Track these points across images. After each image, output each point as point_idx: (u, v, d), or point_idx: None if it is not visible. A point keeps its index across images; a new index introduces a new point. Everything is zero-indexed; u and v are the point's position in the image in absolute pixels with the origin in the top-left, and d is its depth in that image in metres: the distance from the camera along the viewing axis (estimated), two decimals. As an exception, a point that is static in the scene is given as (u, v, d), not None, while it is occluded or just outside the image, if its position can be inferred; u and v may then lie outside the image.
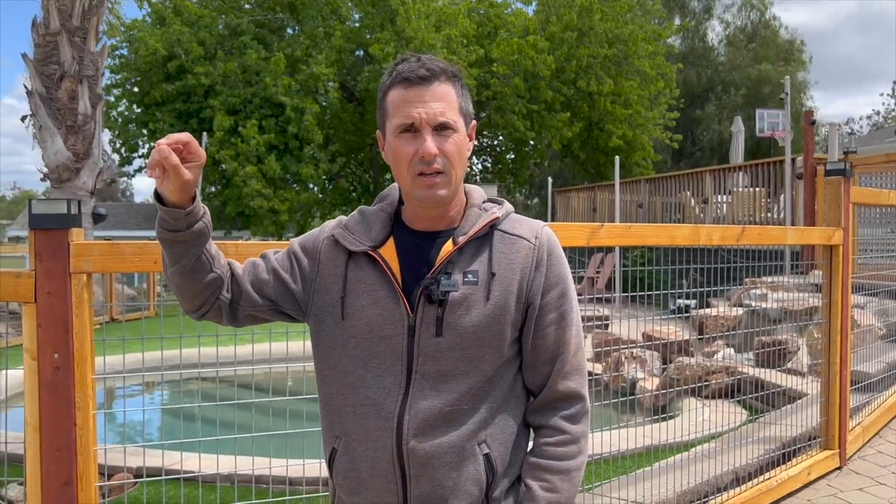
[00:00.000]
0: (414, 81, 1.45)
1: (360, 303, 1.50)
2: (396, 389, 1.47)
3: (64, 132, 4.36)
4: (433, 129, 1.44)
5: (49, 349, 2.15)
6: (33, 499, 2.17)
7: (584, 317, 7.01)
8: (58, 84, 4.36)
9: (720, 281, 8.72)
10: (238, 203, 19.94)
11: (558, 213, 19.85)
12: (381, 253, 1.50)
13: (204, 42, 20.42)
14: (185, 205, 1.43)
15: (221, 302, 1.57)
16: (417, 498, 1.46)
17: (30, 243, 2.14)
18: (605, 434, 4.15)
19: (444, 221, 1.54)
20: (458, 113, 1.48)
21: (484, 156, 26.43)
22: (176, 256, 1.49)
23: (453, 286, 1.46)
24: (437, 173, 1.45)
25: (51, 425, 2.16)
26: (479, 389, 1.48)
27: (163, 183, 1.39)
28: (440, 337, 1.45)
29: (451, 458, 1.45)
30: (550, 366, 1.53)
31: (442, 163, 1.45)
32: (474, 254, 1.50)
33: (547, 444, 1.52)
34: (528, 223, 1.56)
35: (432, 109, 1.44)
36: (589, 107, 22.51)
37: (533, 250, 1.51)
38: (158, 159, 1.36)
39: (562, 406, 1.54)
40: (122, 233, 26.70)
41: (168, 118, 20.61)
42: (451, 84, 1.48)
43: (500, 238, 1.52)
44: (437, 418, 1.45)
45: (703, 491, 3.81)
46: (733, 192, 13.33)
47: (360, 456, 1.48)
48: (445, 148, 1.45)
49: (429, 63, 1.46)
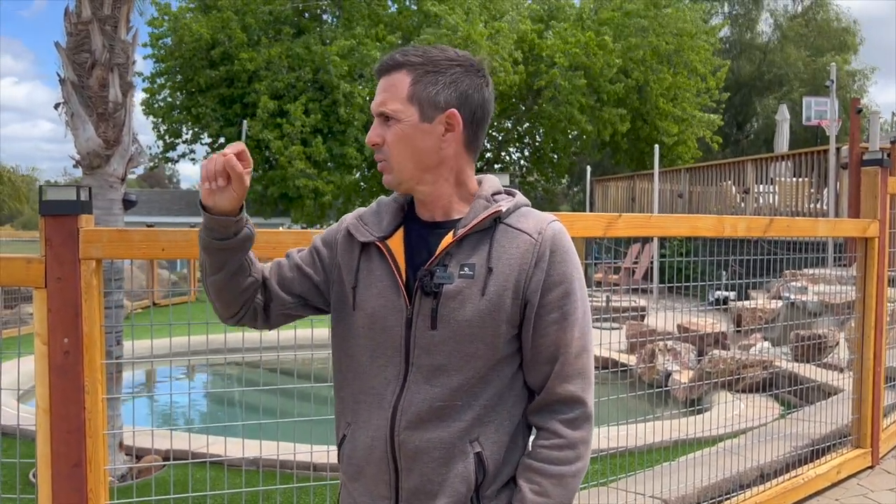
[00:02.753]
0: (377, 72, 1.50)
1: (368, 293, 1.50)
2: (395, 381, 1.47)
3: (95, 119, 4.41)
4: (378, 117, 1.48)
5: (59, 334, 2.19)
6: (44, 480, 2.22)
7: (619, 307, 6.89)
8: (89, 72, 4.41)
9: (761, 273, 8.54)
10: (282, 185, 20.12)
11: (597, 202, 19.63)
12: (387, 244, 1.50)
13: (248, 28, 20.64)
14: (236, 213, 1.47)
15: (256, 305, 1.60)
16: (407, 490, 1.46)
17: (40, 229, 2.18)
18: (633, 427, 4.11)
19: (439, 212, 1.51)
20: (405, 102, 1.45)
21: (521, 144, 26.25)
22: (220, 264, 1.52)
23: (448, 279, 1.44)
24: (379, 161, 1.49)
25: (61, 408, 2.20)
26: (472, 386, 1.46)
27: (223, 192, 1.42)
28: (434, 330, 1.44)
29: (440, 454, 1.44)
30: (550, 367, 1.49)
31: (383, 151, 1.47)
32: (474, 247, 1.47)
33: (542, 447, 1.48)
34: (535, 217, 1.51)
35: (377, 99, 1.47)
36: (639, 100, 22.20)
37: (534, 246, 1.46)
38: (220, 169, 1.40)
39: (561, 409, 1.49)
40: (166, 219, 27.22)
41: (211, 103, 20.90)
42: (408, 73, 1.46)
43: (503, 232, 1.48)
44: (428, 413, 1.44)
45: (727, 487, 3.73)
46: (776, 181, 13.03)
47: (361, 444, 1.50)
48: (386, 137, 1.47)
49: (398, 54, 1.47)
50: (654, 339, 7.32)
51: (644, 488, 3.60)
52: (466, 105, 1.48)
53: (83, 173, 4.55)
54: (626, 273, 13.85)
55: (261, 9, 20.90)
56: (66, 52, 4.45)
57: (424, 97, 1.45)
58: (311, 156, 19.61)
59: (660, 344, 7.20)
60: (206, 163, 1.43)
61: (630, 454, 4.26)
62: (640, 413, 4.54)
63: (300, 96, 20.03)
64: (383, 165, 1.49)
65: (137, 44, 4.80)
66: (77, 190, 2.18)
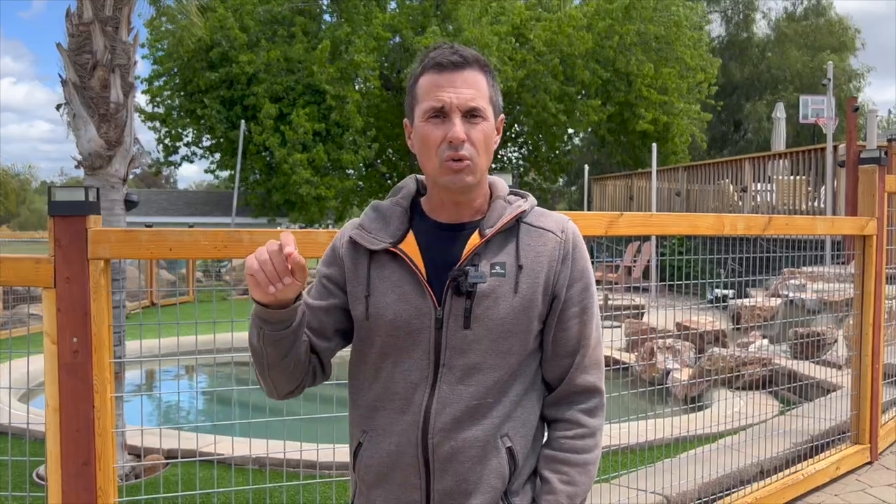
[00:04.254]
0: (446, 66, 1.45)
1: (386, 300, 1.48)
2: (423, 384, 1.47)
3: (97, 120, 4.43)
4: (462, 114, 1.44)
5: (68, 333, 2.20)
6: (53, 478, 2.24)
7: (618, 306, 6.93)
8: (91, 73, 4.42)
9: (759, 270, 8.57)
10: (285, 191, 20.16)
11: (595, 201, 19.66)
12: (402, 248, 1.49)
13: (247, 29, 20.62)
14: (291, 301, 1.40)
15: (314, 366, 1.57)
16: (440, 492, 1.46)
17: (49, 229, 2.20)
18: (634, 424, 4.14)
19: (468, 213, 1.52)
20: (487, 101, 1.48)
21: (520, 143, 26.27)
22: (283, 351, 1.46)
23: (481, 278, 1.45)
24: (463, 160, 1.43)
25: (70, 407, 2.22)
26: (504, 383, 1.48)
27: (288, 289, 1.34)
28: (468, 329, 1.45)
29: (476, 453, 1.45)
30: (571, 359, 1.53)
31: (469, 150, 1.44)
32: (501, 246, 1.49)
33: (565, 437, 1.51)
34: (553, 217, 1.57)
35: (463, 94, 1.44)
36: (625, 90, 22.22)
37: (560, 244, 1.51)
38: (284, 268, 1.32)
39: (580, 399, 1.53)
40: (164, 219, 27.17)
41: (214, 105, 20.88)
42: (482, 73, 1.48)
43: (525, 231, 1.52)
44: (464, 412, 1.45)
45: (727, 483, 3.76)
46: (774, 179, 13.07)
47: (384, 451, 1.48)
48: (473, 135, 1.44)
49: (462, 51, 1.47)
50: (654, 337, 7.35)
51: (645, 484, 3.63)
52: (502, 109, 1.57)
53: (85, 174, 4.57)
54: (624, 271, 13.88)
55: (257, 9, 20.88)
56: (68, 53, 4.46)
57: (495, 100, 1.51)
58: (313, 161, 19.63)
59: (659, 342, 7.23)
60: (260, 263, 1.32)
61: (630, 451, 4.29)
62: (639, 411, 4.57)
63: (298, 99, 20.04)
64: (467, 165, 1.44)
65: (138, 45, 4.83)
66: (85, 191, 2.20)
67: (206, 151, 23.24)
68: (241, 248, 2.35)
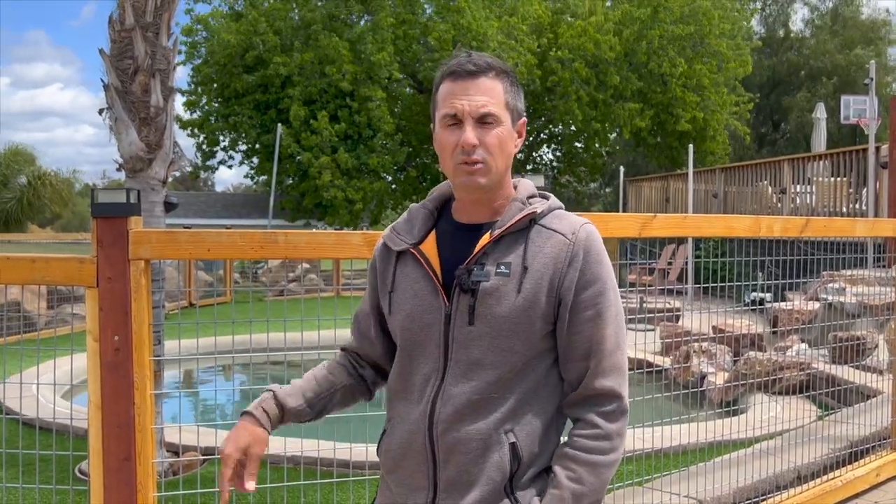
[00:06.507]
0: (461, 75, 1.52)
1: (404, 296, 1.58)
2: (434, 376, 1.54)
3: (137, 124, 4.53)
4: (475, 120, 1.50)
5: (110, 331, 2.27)
6: (95, 472, 2.30)
7: (654, 309, 6.83)
8: (132, 78, 4.53)
9: (798, 273, 8.43)
10: (315, 195, 20.36)
11: (630, 203, 19.50)
12: (420, 249, 1.58)
13: (280, 32, 20.86)
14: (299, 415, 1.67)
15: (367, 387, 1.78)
16: (445, 480, 1.53)
17: (92, 230, 2.26)
18: (668, 427, 4.11)
19: (487, 213, 1.58)
20: (502, 107, 1.53)
21: (554, 145, 26.16)
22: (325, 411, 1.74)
23: (485, 276, 1.51)
24: (476, 163, 1.51)
25: (112, 403, 2.28)
26: (508, 380, 1.52)
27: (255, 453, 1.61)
28: (472, 326, 1.51)
29: (476, 445, 1.50)
30: (586, 362, 1.54)
31: (481, 153, 1.50)
32: (510, 246, 1.53)
33: (579, 436, 1.54)
34: (570, 219, 1.58)
35: (475, 101, 1.50)
36: (661, 91, 22.00)
37: (568, 246, 1.53)
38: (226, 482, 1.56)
39: (599, 402, 1.55)
40: (202, 221, 27.55)
41: (247, 110, 21.16)
42: (499, 79, 1.54)
43: (537, 232, 1.55)
44: (466, 406, 1.51)
45: (763, 489, 3.71)
46: (814, 181, 12.85)
47: (399, 438, 1.58)
48: (486, 139, 1.50)
49: (478, 59, 1.53)
50: (689, 339, 7.28)
51: (679, 488, 3.60)
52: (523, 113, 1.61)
53: (126, 176, 4.66)
54: (659, 274, 13.74)
55: (290, 14, 21.13)
56: (110, 59, 4.57)
57: (513, 105, 1.56)
58: (339, 164, 19.78)
59: (694, 345, 7.16)
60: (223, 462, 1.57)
61: (664, 455, 4.26)
62: (673, 414, 4.53)
63: (330, 102, 20.20)
64: (480, 168, 1.52)
65: (177, 50, 4.92)
66: (127, 193, 2.26)
67: (242, 156, 23.59)
68: (277, 248, 2.40)
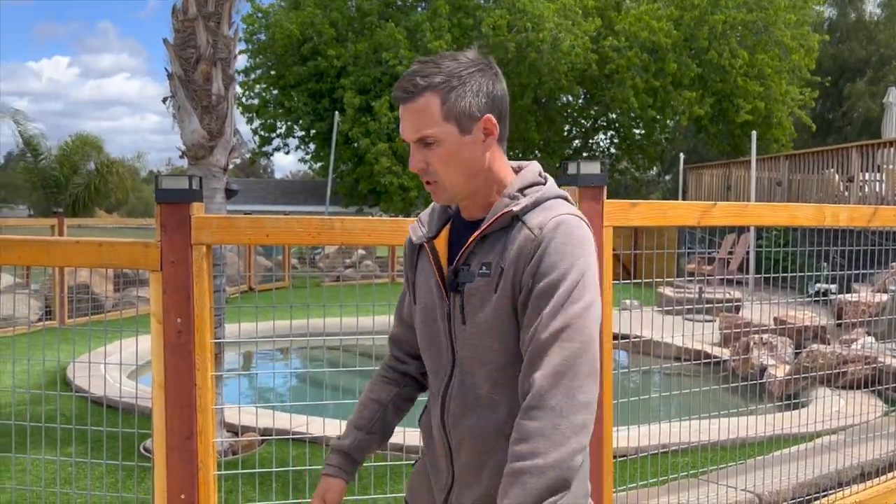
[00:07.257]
0: (399, 100, 1.48)
1: (421, 290, 1.62)
2: (445, 370, 1.57)
3: (199, 112, 4.63)
4: (418, 144, 1.48)
5: (173, 314, 2.33)
6: (159, 451, 2.38)
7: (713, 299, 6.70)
8: (194, 67, 4.63)
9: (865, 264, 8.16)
10: (370, 180, 20.54)
11: (689, 191, 19.12)
12: (433, 243, 1.58)
13: (335, 23, 21.03)
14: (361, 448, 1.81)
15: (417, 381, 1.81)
16: (458, 468, 1.57)
17: (156, 216, 2.33)
18: (725, 420, 4.04)
19: (482, 210, 1.54)
20: (441, 123, 1.45)
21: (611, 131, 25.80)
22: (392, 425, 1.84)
23: (469, 278, 1.50)
24: (430, 183, 1.51)
25: (174, 384, 2.35)
26: (500, 379, 1.50)
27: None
28: (464, 325, 1.52)
29: (478, 443, 1.52)
30: (528, 359, 1.41)
31: (432, 174, 1.49)
32: (493, 245, 1.49)
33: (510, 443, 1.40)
34: (546, 212, 1.48)
35: (409, 128, 1.47)
36: (721, 80, 21.48)
37: (532, 241, 1.44)
38: None
39: (526, 401, 1.38)
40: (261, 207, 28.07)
41: (302, 98, 21.44)
42: (434, 94, 1.44)
43: (518, 229, 1.48)
44: (470, 402, 1.53)
45: (823, 484, 3.63)
46: (884, 169, 12.39)
47: (429, 421, 1.64)
48: (431, 161, 1.48)
49: (413, 77, 1.45)
50: (749, 330, 7.12)
51: (735, 482, 3.55)
52: (494, 105, 1.49)
53: (188, 164, 4.78)
54: (720, 264, 13.47)
55: (346, 4, 21.28)
56: (174, 48, 4.68)
57: (459, 112, 1.45)
58: (396, 150, 19.88)
59: (755, 337, 7.01)
60: None
61: (721, 447, 4.19)
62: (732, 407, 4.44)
63: (385, 90, 20.30)
64: (434, 187, 1.51)
65: (238, 39, 5.01)
66: (189, 179, 2.31)
67: (299, 142, 23.93)
68: (334, 234, 2.43)
